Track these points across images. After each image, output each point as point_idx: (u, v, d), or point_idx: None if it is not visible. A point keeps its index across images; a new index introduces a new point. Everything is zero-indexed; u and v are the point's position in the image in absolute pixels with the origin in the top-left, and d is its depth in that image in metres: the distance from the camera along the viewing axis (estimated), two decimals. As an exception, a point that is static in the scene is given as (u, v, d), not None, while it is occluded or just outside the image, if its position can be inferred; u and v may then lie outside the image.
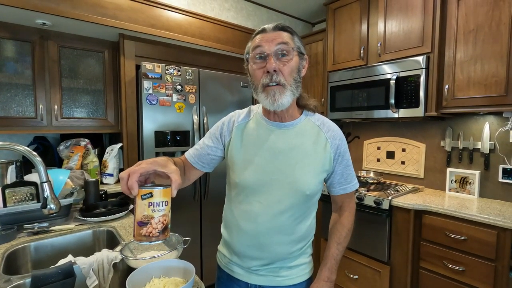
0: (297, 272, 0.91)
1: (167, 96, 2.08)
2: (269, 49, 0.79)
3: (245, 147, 0.89)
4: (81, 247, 1.24)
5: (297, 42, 0.83)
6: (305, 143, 0.86)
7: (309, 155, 0.85)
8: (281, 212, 0.84)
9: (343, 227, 0.95)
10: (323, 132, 0.88)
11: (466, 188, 1.98)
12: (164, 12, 2.17)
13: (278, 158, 0.85)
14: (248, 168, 0.87)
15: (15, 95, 1.90)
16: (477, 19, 1.70)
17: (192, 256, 2.22)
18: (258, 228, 0.86)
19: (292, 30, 0.83)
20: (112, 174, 2.17)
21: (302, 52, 0.84)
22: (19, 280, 0.84)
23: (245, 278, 0.91)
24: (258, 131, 0.89)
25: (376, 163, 2.58)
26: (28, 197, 1.33)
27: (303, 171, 0.84)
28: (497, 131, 1.88)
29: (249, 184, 0.86)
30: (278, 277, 0.89)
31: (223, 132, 0.94)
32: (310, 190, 0.84)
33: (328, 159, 0.87)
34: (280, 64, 0.79)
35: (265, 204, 0.85)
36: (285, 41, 0.80)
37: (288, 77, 0.80)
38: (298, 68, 0.83)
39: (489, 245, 1.49)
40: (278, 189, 0.84)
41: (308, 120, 0.90)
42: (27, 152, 0.89)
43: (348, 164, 0.91)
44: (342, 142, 0.89)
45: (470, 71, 1.74)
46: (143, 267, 0.82)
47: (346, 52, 2.42)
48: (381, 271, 1.90)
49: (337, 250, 0.93)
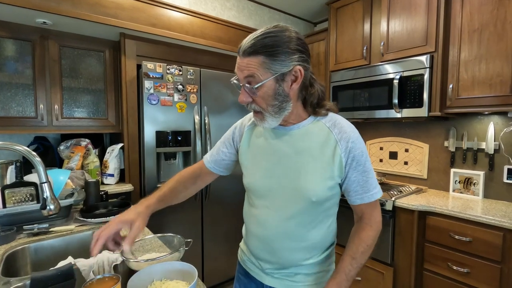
0: (315, 280, 0.87)
1: (168, 96, 2.07)
2: (241, 79, 0.75)
3: (253, 151, 0.89)
4: (82, 248, 1.22)
5: (274, 65, 0.71)
6: (312, 146, 0.80)
7: (316, 159, 0.79)
8: (288, 218, 0.82)
9: (361, 241, 0.82)
10: (333, 134, 0.79)
11: (470, 189, 1.96)
12: (166, 11, 2.15)
13: (283, 163, 0.82)
14: (256, 171, 0.87)
15: (15, 94, 1.89)
16: (482, 18, 1.68)
17: (193, 257, 2.20)
18: (267, 233, 0.85)
19: (268, 50, 0.70)
20: (113, 174, 2.16)
21: (278, 71, 0.72)
22: (18, 283, 0.82)
23: (261, 278, 0.91)
24: (265, 135, 0.87)
25: (379, 163, 2.56)
26: (27, 198, 1.32)
27: (308, 177, 0.78)
28: (502, 131, 1.86)
29: (256, 188, 0.87)
30: (294, 282, 0.86)
31: (235, 137, 0.95)
32: (317, 196, 0.78)
33: (338, 163, 0.78)
34: (252, 94, 0.75)
35: (272, 210, 0.84)
36: (251, 74, 0.72)
37: (263, 105, 0.75)
38: (275, 93, 0.74)
39: (495, 247, 1.47)
40: (284, 194, 0.82)
41: (317, 121, 0.82)
42: (27, 152, 0.88)
43: (365, 170, 0.80)
44: (356, 145, 0.78)
45: (475, 71, 1.72)
46: (144, 269, 0.81)
47: (348, 52, 2.40)
48: (384, 272, 1.88)
49: (350, 266, 0.80)
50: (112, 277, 0.74)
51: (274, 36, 0.71)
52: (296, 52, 0.73)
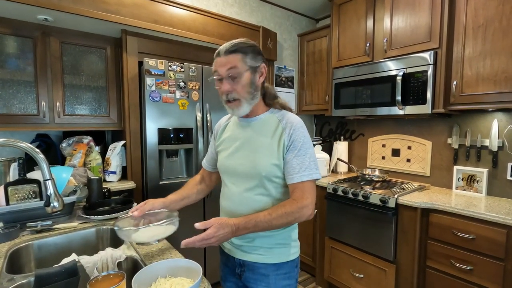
0: (277, 252, 1.01)
1: (170, 93, 2.06)
2: (222, 73, 0.95)
3: (225, 141, 1.10)
4: (85, 245, 1.22)
5: (249, 61, 0.95)
6: (265, 133, 1.00)
7: (266, 143, 0.98)
8: (247, 190, 1.00)
9: (283, 206, 0.91)
10: (281, 124, 1.00)
11: (474, 186, 1.95)
12: (167, 7, 2.14)
13: (244, 146, 1.03)
14: (225, 155, 1.08)
15: (17, 92, 1.89)
16: (487, 14, 1.67)
17: (195, 255, 2.20)
18: (232, 205, 1.04)
19: (242, 50, 0.95)
20: (115, 171, 2.15)
21: (254, 66, 0.97)
22: (22, 279, 0.83)
23: (232, 253, 1.06)
24: (233, 127, 1.10)
25: (381, 160, 2.55)
26: (31, 195, 1.32)
27: (261, 156, 0.97)
28: (506, 128, 1.85)
29: (224, 168, 1.07)
30: (259, 255, 1.00)
31: (217, 135, 1.16)
32: (265, 172, 0.96)
33: (282, 146, 0.97)
34: (233, 84, 0.95)
35: (237, 185, 1.03)
36: (234, 66, 0.93)
37: (242, 92, 0.96)
38: (251, 82, 0.96)
39: (498, 244, 1.46)
40: (243, 171, 1.01)
41: (272, 115, 1.03)
42: (30, 149, 0.87)
43: (299, 154, 0.95)
44: (296, 131, 0.96)
45: (479, 67, 1.71)
46: (149, 266, 0.81)
47: (351, 49, 2.38)
48: (386, 270, 1.88)
49: (263, 217, 0.88)
50: (117, 274, 0.74)
51: (245, 42, 0.97)
52: (260, 54, 0.99)
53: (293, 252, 1.04)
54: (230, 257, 1.08)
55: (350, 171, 2.74)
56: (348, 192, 2.07)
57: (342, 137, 2.88)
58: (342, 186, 2.15)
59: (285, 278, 1.02)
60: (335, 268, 2.24)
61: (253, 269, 1.01)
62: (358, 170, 2.47)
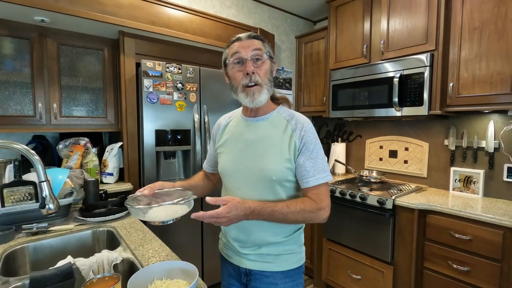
0: (285, 259, 0.97)
1: (168, 95, 2.06)
2: (246, 54, 0.91)
3: (227, 142, 1.04)
4: (81, 247, 1.21)
5: (268, 48, 0.96)
6: (274, 135, 0.95)
7: (276, 145, 0.93)
8: (255, 196, 0.93)
9: (302, 203, 0.89)
10: (290, 124, 0.95)
11: (470, 187, 1.96)
12: (165, 9, 2.14)
13: (250, 148, 0.96)
14: (227, 158, 1.01)
15: (13, 93, 1.88)
16: (483, 16, 1.68)
17: (193, 257, 2.20)
18: None
19: (262, 39, 0.96)
20: (112, 173, 2.15)
21: (272, 56, 0.97)
22: (17, 282, 0.82)
23: (237, 262, 1.01)
24: (236, 128, 1.04)
25: (379, 162, 2.56)
26: (26, 197, 1.31)
27: (269, 159, 0.92)
28: (502, 130, 1.86)
29: (227, 172, 1.01)
30: (266, 262, 0.96)
31: (216, 136, 1.11)
32: (276, 176, 0.91)
33: (293, 148, 0.92)
34: (256, 67, 0.92)
35: (243, 190, 0.96)
36: (259, 47, 0.93)
37: (263, 78, 0.93)
38: (270, 70, 0.96)
39: (495, 245, 1.47)
40: (250, 176, 0.95)
41: (279, 114, 0.99)
42: (25, 151, 0.87)
43: (312, 157, 0.91)
44: (307, 133, 0.93)
45: (475, 69, 1.72)
46: (145, 269, 0.80)
47: (348, 50, 2.39)
48: (384, 271, 1.88)
49: (281, 208, 0.86)
50: (112, 276, 0.73)
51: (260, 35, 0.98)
52: None
53: (300, 258, 1.02)
54: (234, 266, 1.02)
55: (348, 173, 2.74)
56: (346, 193, 2.07)
57: (339, 138, 2.89)
58: (339, 187, 2.15)
59: (293, 286, 0.99)
60: (332, 269, 2.24)
61: (260, 278, 0.98)
62: (355, 172, 2.48)
